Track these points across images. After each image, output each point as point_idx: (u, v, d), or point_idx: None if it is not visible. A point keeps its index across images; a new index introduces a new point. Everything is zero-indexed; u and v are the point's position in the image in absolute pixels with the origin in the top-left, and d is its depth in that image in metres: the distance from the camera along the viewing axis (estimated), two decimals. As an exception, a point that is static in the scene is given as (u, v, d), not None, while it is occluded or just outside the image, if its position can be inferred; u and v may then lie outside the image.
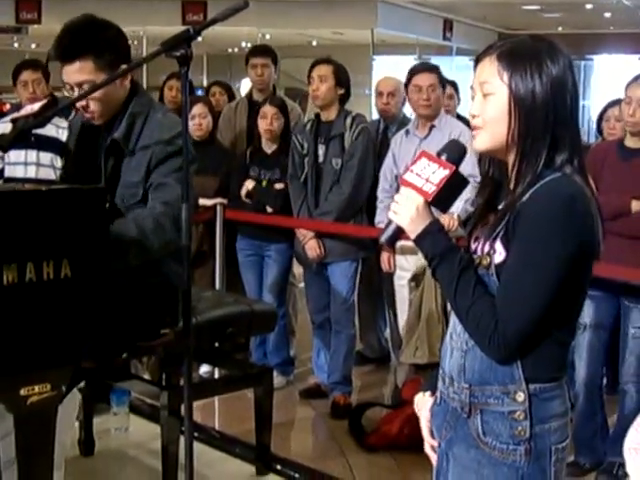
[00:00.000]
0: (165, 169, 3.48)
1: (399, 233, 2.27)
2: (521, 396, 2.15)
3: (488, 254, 2.16)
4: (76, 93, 3.56)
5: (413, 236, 2.22)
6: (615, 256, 4.28)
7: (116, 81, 3.56)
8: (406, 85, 5.55)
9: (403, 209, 2.22)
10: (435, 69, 5.60)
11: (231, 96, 7.58)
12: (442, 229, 2.23)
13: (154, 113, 3.65)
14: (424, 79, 5.41)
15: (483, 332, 2.12)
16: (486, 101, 2.19)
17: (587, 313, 4.64)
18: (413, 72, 5.51)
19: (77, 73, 3.49)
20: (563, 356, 2.22)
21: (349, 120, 5.59)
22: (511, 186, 2.20)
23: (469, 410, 2.22)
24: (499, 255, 2.14)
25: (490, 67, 2.17)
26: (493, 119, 2.17)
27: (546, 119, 2.12)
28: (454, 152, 2.25)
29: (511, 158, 2.19)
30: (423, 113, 5.41)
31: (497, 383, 2.17)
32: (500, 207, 2.22)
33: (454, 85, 6.96)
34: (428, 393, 2.46)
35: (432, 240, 2.20)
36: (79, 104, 3.59)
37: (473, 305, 2.13)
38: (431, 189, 2.19)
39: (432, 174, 2.20)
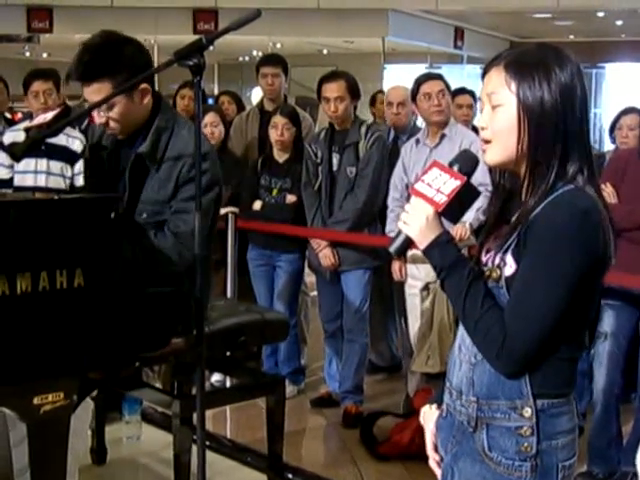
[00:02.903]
0: (189, 192, 3.43)
1: (408, 243, 2.24)
2: (528, 411, 2.12)
3: (498, 266, 2.14)
4: (95, 111, 3.57)
5: (422, 247, 2.20)
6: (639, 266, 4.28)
7: (134, 99, 3.57)
8: (414, 97, 5.54)
9: (413, 219, 2.20)
10: (441, 77, 5.63)
11: (240, 105, 7.59)
12: (451, 240, 2.20)
13: (179, 129, 3.64)
14: (432, 86, 5.42)
15: (491, 345, 2.09)
16: (495, 113, 2.16)
17: (607, 322, 4.64)
18: (419, 82, 5.50)
19: (95, 94, 3.48)
20: (571, 372, 2.19)
21: (364, 129, 5.61)
22: (523, 198, 2.17)
23: (475, 424, 2.19)
24: (509, 268, 2.11)
25: (497, 77, 2.14)
26: (502, 131, 2.14)
27: (556, 127, 2.09)
28: (466, 163, 2.23)
29: (522, 169, 2.16)
30: (436, 119, 5.40)
31: (504, 398, 2.14)
32: (512, 219, 2.19)
33: (472, 95, 6.95)
34: (435, 406, 2.44)
35: (441, 251, 2.18)
36: (99, 121, 3.60)
37: (481, 318, 2.10)
38: (442, 200, 2.17)
39: (443, 184, 2.18)
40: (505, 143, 2.14)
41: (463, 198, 2.20)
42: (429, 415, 2.45)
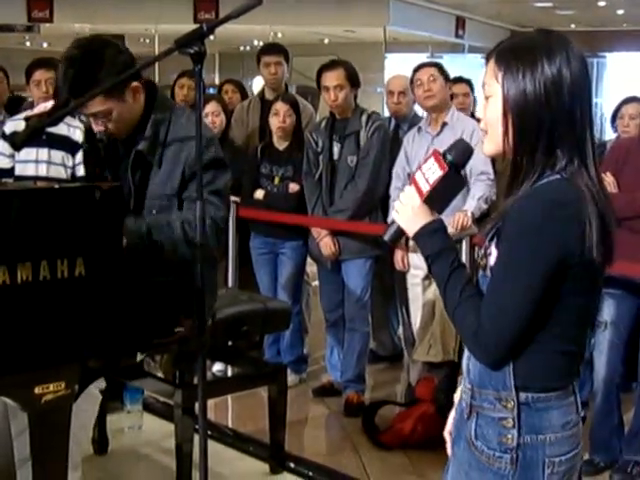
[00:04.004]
0: (206, 178, 3.38)
1: (401, 232, 2.27)
2: (511, 403, 2.11)
3: (485, 255, 2.15)
4: (92, 121, 3.55)
5: (410, 235, 2.22)
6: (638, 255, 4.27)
7: (127, 100, 3.52)
8: (412, 87, 5.64)
9: (403, 208, 2.22)
10: (434, 64, 5.69)
11: (244, 94, 7.57)
12: (439, 229, 2.20)
13: (176, 118, 3.62)
14: (423, 73, 5.49)
15: (467, 335, 2.11)
16: (487, 104, 2.15)
17: (608, 311, 4.64)
18: (414, 72, 5.60)
19: (87, 107, 3.45)
20: (566, 366, 2.15)
21: (364, 117, 5.60)
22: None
23: (469, 411, 2.20)
24: (493, 257, 2.11)
25: (490, 68, 2.13)
26: (492, 122, 2.14)
27: (540, 119, 2.05)
28: (459, 152, 2.23)
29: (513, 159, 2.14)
30: (428, 104, 5.46)
31: (492, 388, 2.14)
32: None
33: (469, 83, 6.94)
34: None
35: (427, 239, 2.19)
36: (97, 128, 3.58)
37: (458, 307, 2.10)
38: (425, 189, 2.19)
39: (432, 174, 2.20)
40: (495, 134, 2.14)
41: (447, 188, 2.21)
42: (456, 398, 2.42)
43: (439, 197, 2.20)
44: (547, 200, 2.02)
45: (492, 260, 2.11)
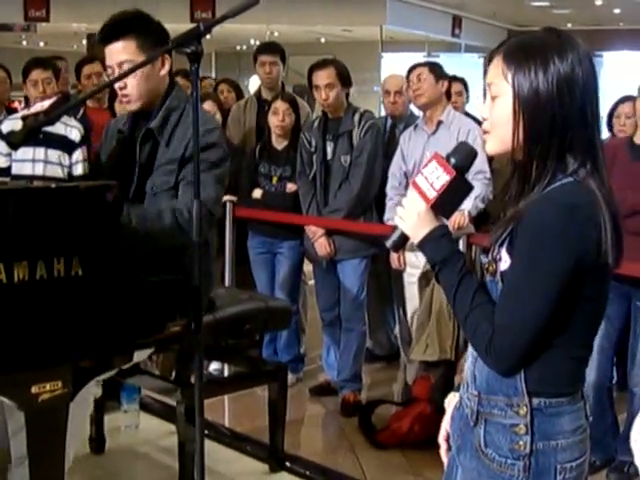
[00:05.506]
0: (203, 162, 3.43)
1: (404, 238, 2.23)
2: (523, 409, 2.08)
3: (494, 260, 2.10)
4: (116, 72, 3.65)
5: (415, 242, 2.18)
6: (628, 255, 4.25)
7: (155, 65, 3.66)
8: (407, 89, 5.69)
9: (407, 214, 2.18)
10: (425, 64, 5.70)
11: (239, 94, 7.57)
12: (445, 235, 2.17)
13: (190, 108, 3.66)
14: (413, 74, 5.52)
15: (480, 342, 2.06)
16: (494, 104, 2.11)
17: None
18: (407, 73, 5.63)
19: (120, 52, 3.59)
20: (576, 371, 2.15)
21: (357, 116, 5.60)
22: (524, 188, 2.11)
23: (476, 418, 2.16)
24: (504, 262, 2.07)
25: (496, 67, 2.09)
26: (500, 122, 2.09)
27: (553, 119, 2.02)
28: (463, 155, 2.19)
29: (522, 160, 2.10)
30: (419, 103, 5.51)
31: (502, 394, 2.11)
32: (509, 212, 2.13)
33: (463, 82, 6.95)
34: (458, 394, 2.36)
35: (433, 247, 2.15)
36: (117, 84, 3.67)
37: (471, 313, 2.07)
38: (432, 195, 2.15)
39: (436, 179, 2.15)
40: (502, 134, 2.09)
41: (454, 193, 2.16)
42: (450, 402, 2.41)
43: (447, 202, 2.17)
44: (562, 204, 1.99)
45: (502, 265, 2.07)
